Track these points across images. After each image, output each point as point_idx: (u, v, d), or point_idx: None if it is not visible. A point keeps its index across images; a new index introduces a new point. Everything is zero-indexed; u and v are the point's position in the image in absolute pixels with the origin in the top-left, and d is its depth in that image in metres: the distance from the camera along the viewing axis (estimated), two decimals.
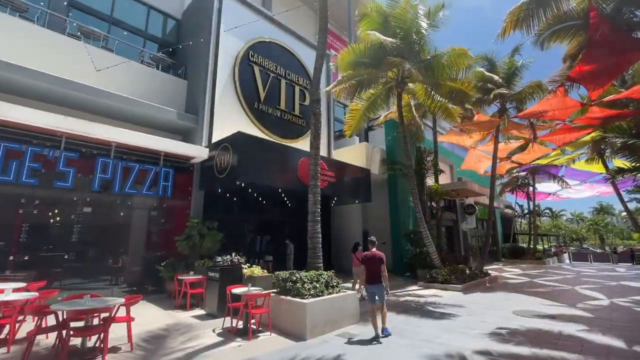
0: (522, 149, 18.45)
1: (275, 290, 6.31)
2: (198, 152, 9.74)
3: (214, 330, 5.69)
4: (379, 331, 5.40)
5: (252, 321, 6.08)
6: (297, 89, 14.24)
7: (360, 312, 6.83)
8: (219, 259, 7.90)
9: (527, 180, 24.76)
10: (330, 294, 6.05)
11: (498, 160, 16.00)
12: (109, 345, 4.81)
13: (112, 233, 8.89)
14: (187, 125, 10.77)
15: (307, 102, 14.67)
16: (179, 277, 7.62)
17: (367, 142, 16.35)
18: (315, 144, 7.57)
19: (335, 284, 6.35)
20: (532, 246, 24.11)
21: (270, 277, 6.91)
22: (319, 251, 6.77)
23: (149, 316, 6.72)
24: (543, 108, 11.91)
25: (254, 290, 5.80)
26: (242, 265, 7.35)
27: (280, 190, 10.63)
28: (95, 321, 4.85)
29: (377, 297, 5.54)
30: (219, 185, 9.91)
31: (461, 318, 6.73)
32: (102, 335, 4.36)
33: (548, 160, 20.00)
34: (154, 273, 8.77)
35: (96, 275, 8.26)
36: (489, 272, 13.39)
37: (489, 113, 15.38)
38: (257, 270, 7.01)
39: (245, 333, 5.48)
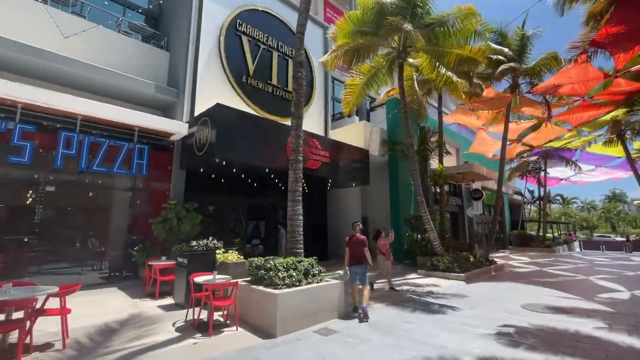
0: (534, 129, 17.23)
1: (247, 279, 5.55)
2: (176, 127, 8.89)
3: (174, 324, 4.97)
4: (357, 304, 5.83)
5: (220, 314, 5.35)
6: (290, 63, 13.18)
7: (347, 304, 6.06)
8: (194, 243, 7.16)
9: (538, 165, 23.50)
10: (309, 283, 5.26)
11: (508, 143, 14.87)
12: (43, 342, 4.12)
13: (81, 214, 8.19)
14: (167, 99, 9.90)
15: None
16: (149, 263, 6.92)
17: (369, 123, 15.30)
18: (297, 113, 6.65)
19: (316, 271, 5.55)
20: (541, 234, 23.07)
21: (245, 263, 6.14)
22: (299, 235, 5.95)
23: (112, 306, 6.05)
24: (561, 81, 10.73)
25: (220, 278, 5.03)
26: (217, 251, 6.59)
27: (267, 171, 9.78)
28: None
29: (358, 278, 5.91)
30: (200, 163, 9.11)
31: (462, 312, 5.91)
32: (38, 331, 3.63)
33: (562, 142, 18.73)
34: (129, 258, 8.09)
35: (62, 261, 7.60)
36: (495, 260, 12.53)
37: (499, 90, 14.16)
38: (231, 256, 6.26)
39: (208, 328, 4.75)
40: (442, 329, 4.91)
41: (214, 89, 10.43)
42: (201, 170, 9.67)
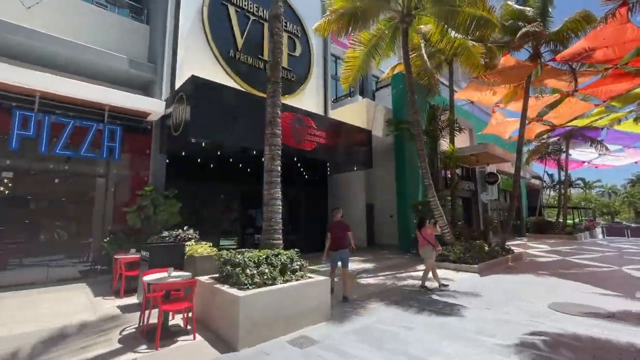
0: (556, 106, 15.68)
1: (215, 275, 4.66)
2: (151, 105, 7.98)
3: (121, 332, 4.12)
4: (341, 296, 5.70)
5: (182, 317, 4.48)
6: (285, 36, 12.01)
7: (335, 305, 5.12)
8: (166, 234, 6.33)
9: (559, 146, 21.82)
10: (286, 281, 4.32)
11: (527, 122, 13.45)
12: None
13: (45, 203, 7.44)
14: (144, 77, 8.98)
15: (297, 53, 12.49)
16: (116, 257, 6.12)
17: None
18: (273, 77, 5.60)
19: (296, 267, 4.61)
20: (560, 220, 21.56)
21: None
22: (277, 224, 4.99)
23: (68, 306, 5.28)
24: (592, 44, 9.30)
25: (177, 276, 4.14)
26: (188, 243, 5.71)
27: (255, 153, 8.81)
28: None
29: (342, 263, 5.99)
30: (181, 146, 8.22)
31: (474, 313, 4.89)
32: None
33: (587, 120, 17.08)
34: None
35: (24, 254, 6.88)
36: (512, 248, 11.36)
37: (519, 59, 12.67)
38: (201, 249, 5.37)
39: (164, 335, 3.89)
40: (450, 338, 3.91)
41: (197, 65, 9.43)
42: (182, 154, 8.78)
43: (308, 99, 12.46)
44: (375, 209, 15.97)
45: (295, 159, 10.16)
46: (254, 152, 8.76)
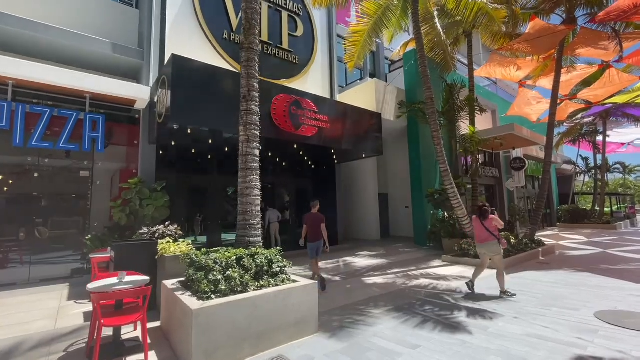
0: (588, 83, 13.97)
1: (182, 279, 3.95)
2: (135, 91, 7.35)
3: (67, 350, 3.49)
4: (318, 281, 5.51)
5: (134, 332, 3.81)
6: (284, 15, 11.13)
7: (323, 312, 4.31)
8: (145, 230, 5.71)
9: (595, 127, 19.79)
10: (262, 287, 3.54)
11: (558, 100, 11.93)
12: None
13: (24, 199, 7.00)
14: (131, 62, 8.36)
15: (299, 33, 11.56)
16: (91, 256, 5.56)
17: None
18: (247, 43, 4.73)
19: (277, 270, 3.81)
20: (597, 208, 19.66)
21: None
22: (255, 218, 4.19)
23: (32, 313, 4.75)
24: None
25: (129, 282, 3.44)
26: (162, 240, 5.04)
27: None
28: None
29: (317, 253, 6.06)
30: (166, 134, 7.58)
31: (499, 326, 3.94)
32: None
33: (630, 96, 15.17)
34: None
35: (1, 254, 6.48)
36: (543, 240, 10.11)
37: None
38: (175, 247, 4.67)
39: (114, 354, 3.23)
40: None
41: (188, 48, 8.72)
42: (173, 143, 8.16)
43: (312, 82, 11.56)
44: (389, 199, 14.97)
45: (295, 147, 9.31)
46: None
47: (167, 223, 5.90)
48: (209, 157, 9.95)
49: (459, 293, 5.48)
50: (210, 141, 8.15)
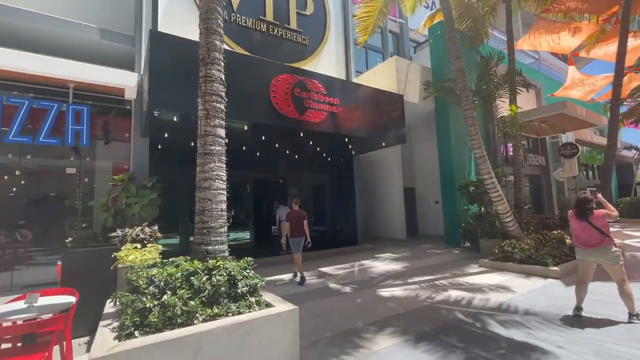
0: None
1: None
2: (121, 78, 6.65)
3: None
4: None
5: None
6: None
7: (314, 343, 3.21)
8: (117, 232, 4.93)
9: None
10: (215, 316, 2.52)
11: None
12: None
13: (6, 198, 6.52)
14: (123, 50, 7.70)
15: (308, 11, 10.47)
16: (58, 262, 4.87)
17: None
18: None
19: (243, 290, 2.78)
20: None
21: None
22: (216, 219, 3.16)
23: None
24: None
25: (44, 306, 2.57)
26: (129, 245, 4.19)
27: (246, 128, 7.09)
28: None
29: (299, 248, 6.21)
30: (154, 124, 6.82)
31: None
32: None
33: None
34: None
35: None
36: None
37: None
38: (138, 254, 3.80)
39: None
40: None
41: (184, 32, 7.91)
42: (165, 135, 7.41)
43: (324, 66, 10.42)
44: (416, 193, 13.51)
45: (305, 136, 8.23)
46: (246, 128, 7.04)
47: (145, 224, 5.09)
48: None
49: (501, 312, 4.15)
50: None
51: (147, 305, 2.34)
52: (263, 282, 2.95)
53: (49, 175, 6.94)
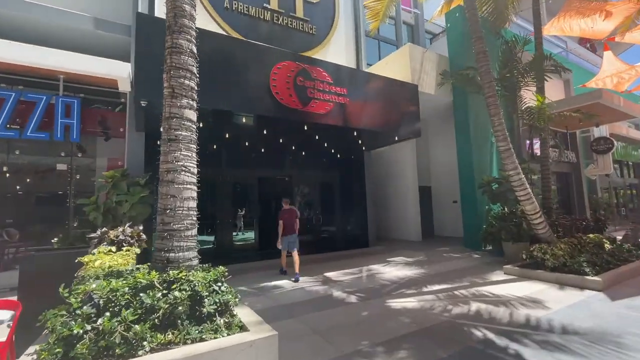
0: None
1: None
2: (112, 68, 6.23)
3: None
4: (292, 277, 6.10)
5: None
6: None
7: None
8: (96, 234, 4.48)
9: None
10: (168, 344, 1.95)
11: None
12: None
13: None
14: (118, 40, 7.32)
15: None
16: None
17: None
18: None
19: (210, 309, 2.21)
20: None
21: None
22: (181, 220, 2.60)
23: None
24: None
25: None
26: (96, 251, 3.71)
27: (244, 120, 6.55)
28: None
29: (290, 246, 6.36)
30: (148, 117, 6.38)
31: None
32: None
33: None
34: None
35: None
36: None
37: None
38: (107, 259, 3.30)
39: None
40: None
41: None
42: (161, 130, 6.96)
43: (333, 56, 9.78)
44: (432, 192, 12.70)
45: (310, 130, 7.62)
46: (244, 120, 6.50)
47: (128, 224, 4.64)
48: (214, 146, 8.70)
49: (532, 332, 3.42)
50: (200, 124, 6.80)
51: (75, 332, 1.80)
52: (237, 299, 2.38)
53: (39, 172, 6.63)
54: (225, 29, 8.16)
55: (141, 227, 4.75)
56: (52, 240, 5.65)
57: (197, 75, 2.93)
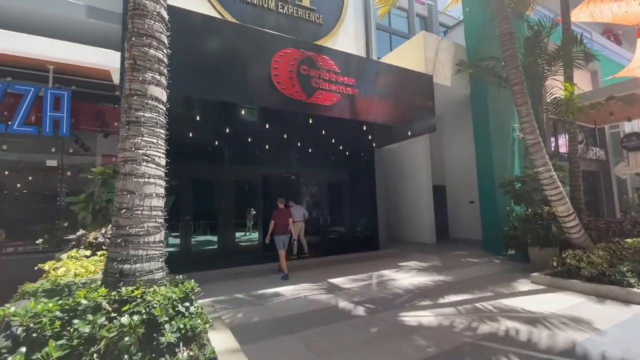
0: None
1: None
2: (102, 58, 5.85)
3: None
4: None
5: None
6: None
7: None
8: (73, 236, 4.06)
9: None
10: None
11: None
12: None
13: None
14: (113, 29, 6.91)
15: None
16: None
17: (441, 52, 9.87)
18: None
19: (171, 338, 1.68)
20: None
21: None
22: (141, 222, 2.09)
23: None
24: None
25: None
26: (63, 254, 3.26)
27: (243, 112, 6.05)
28: None
29: (284, 245, 6.38)
30: None
31: None
32: None
33: None
34: None
35: None
36: None
37: None
38: (74, 265, 2.85)
39: None
40: None
41: (185, 4, 7.08)
42: None
43: (342, 47, 9.18)
44: (447, 192, 11.99)
45: (315, 124, 7.07)
46: (243, 111, 6.00)
47: (110, 225, 4.19)
48: (216, 142, 8.27)
49: None
50: (198, 117, 6.35)
51: None
52: (208, 325, 1.86)
53: (30, 168, 6.29)
54: (224, 16, 7.71)
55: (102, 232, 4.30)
56: (37, 241, 5.30)
57: (168, 46, 2.42)
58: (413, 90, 7.65)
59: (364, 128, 7.53)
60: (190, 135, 7.45)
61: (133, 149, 2.09)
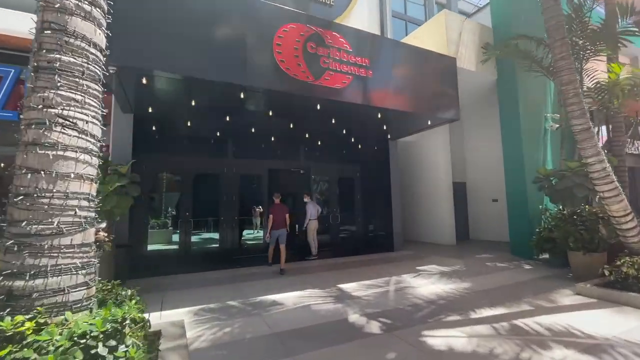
0: None
1: None
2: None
3: None
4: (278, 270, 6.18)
5: None
6: None
7: None
8: None
9: None
10: None
11: None
12: None
13: None
14: None
15: None
16: None
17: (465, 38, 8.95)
18: None
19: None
20: None
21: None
22: (50, 217, 1.41)
23: None
24: None
25: None
26: None
27: (242, 96, 5.37)
28: None
29: (279, 240, 6.43)
30: (130, 93, 5.39)
31: None
32: None
33: None
34: None
35: None
36: None
37: None
38: None
39: None
40: None
41: None
42: (150, 110, 5.97)
43: (357, 22, 8.50)
44: (467, 189, 11.10)
45: (324, 111, 6.34)
46: (242, 95, 5.33)
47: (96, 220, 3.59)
48: (217, 133, 7.68)
49: None
50: (193, 102, 5.72)
51: None
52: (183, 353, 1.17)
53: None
54: None
55: (103, 225, 3.70)
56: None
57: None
58: (434, 73, 6.85)
59: (379, 116, 6.77)
60: (189, 124, 6.87)
61: (41, 106, 1.43)
